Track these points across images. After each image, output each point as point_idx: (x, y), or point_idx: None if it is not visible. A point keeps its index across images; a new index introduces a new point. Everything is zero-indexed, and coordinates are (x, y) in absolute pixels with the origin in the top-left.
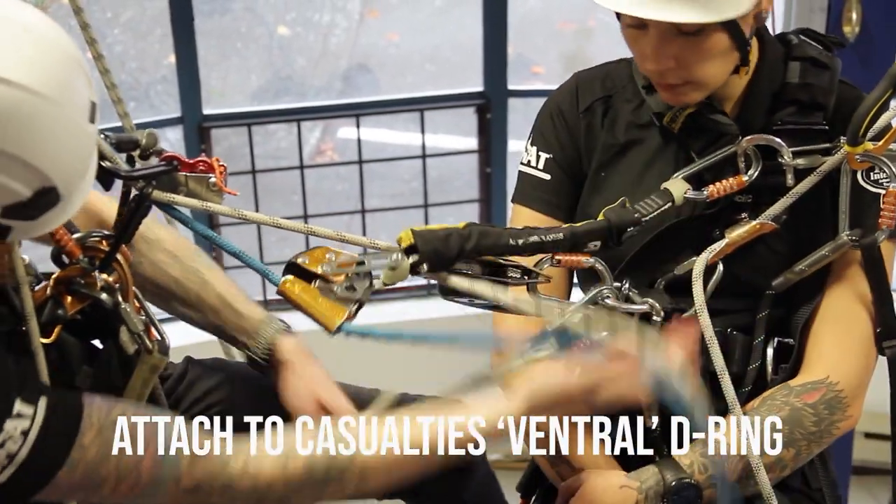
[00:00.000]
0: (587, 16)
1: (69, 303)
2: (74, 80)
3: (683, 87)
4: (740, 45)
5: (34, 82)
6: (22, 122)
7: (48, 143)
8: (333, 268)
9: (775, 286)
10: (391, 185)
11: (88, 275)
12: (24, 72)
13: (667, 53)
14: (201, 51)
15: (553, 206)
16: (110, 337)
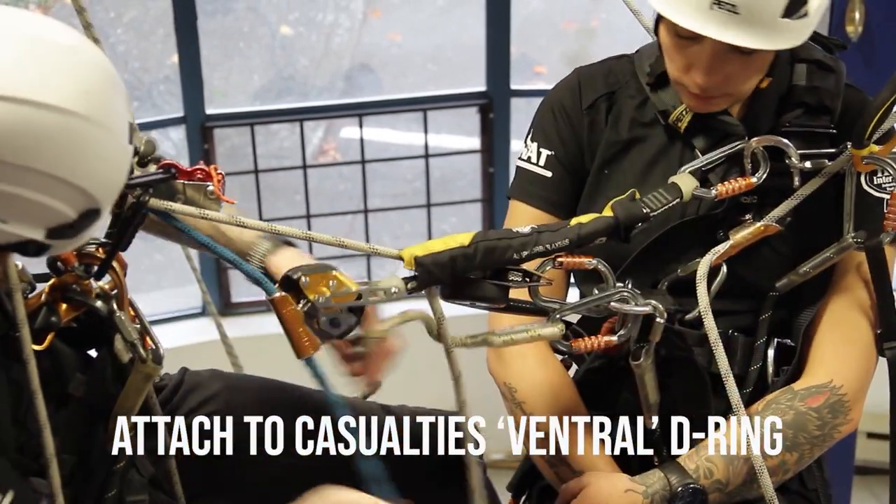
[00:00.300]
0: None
1: (63, 310)
2: (116, 101)
3: (717, 99)
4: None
5: (80, 106)
6: (71, 147)
7: (97, 166)
8: (328, 302)
9: (779, 287)
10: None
11: (84, 282)
12: (69, 96)
13: (720, 70)
14: (204, 50)
15: (553, 203)
16: (105, 345)
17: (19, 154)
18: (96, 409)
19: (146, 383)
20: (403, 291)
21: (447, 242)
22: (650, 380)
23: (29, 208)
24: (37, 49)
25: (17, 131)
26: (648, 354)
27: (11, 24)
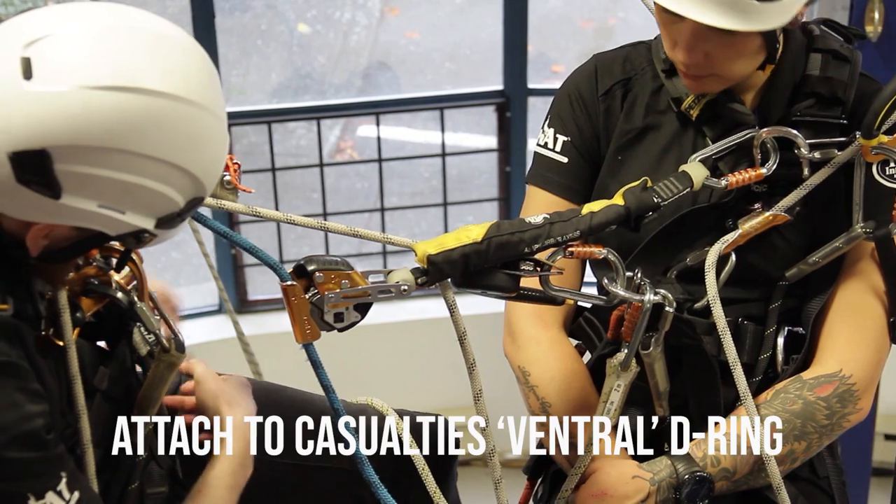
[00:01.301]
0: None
1: (86, 304)
2: (220, 91)
3: (707, 79)
4: (770, 46)
5: (199, 96)
6: (194, 136)
7: (209, 153)
8: (337, 298)
9: (789, 277)
10: (411, 184)
11: (104, 274)
12: (190, 87)
13: (699, 48)
14: (222, 48)
15: (569, 189)
16: (123, 337)
17: (146, 144)
18: (119, 402)
19: (170, 373)
20: (413, 287)
21: (459, 238)
22: (660, 368)
23: (147, 198)
24: (154, 42)
25: (143, 121)
26: (658, 343)
27: (126, 20)
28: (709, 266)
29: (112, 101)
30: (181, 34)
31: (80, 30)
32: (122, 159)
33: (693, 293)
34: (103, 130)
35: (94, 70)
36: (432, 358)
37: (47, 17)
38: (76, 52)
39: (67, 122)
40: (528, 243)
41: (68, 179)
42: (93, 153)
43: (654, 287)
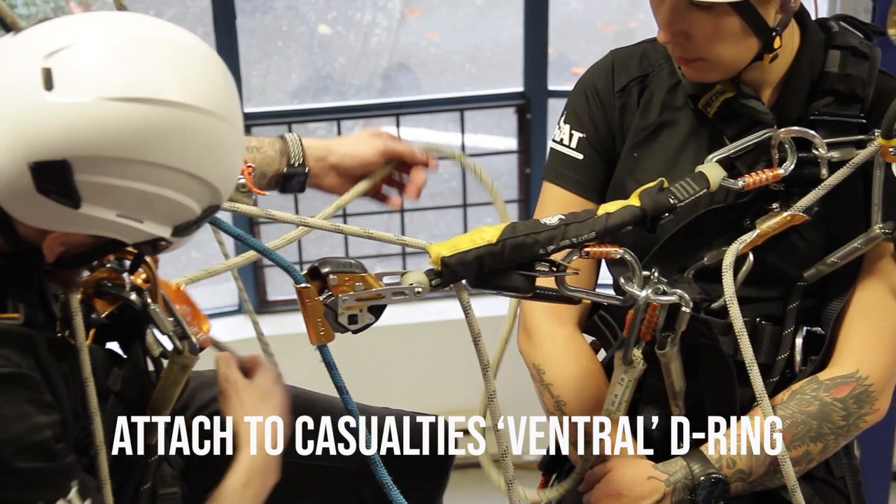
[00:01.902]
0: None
1: (100, 305)
2: (236, 99)
3: (696, 63)
4: (758, 31)
5: (216, 106)
6: (211, 145)
7: (226, 161)
8: (351, 300)
9: (807, 277)
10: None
11: (117, 276)
12: (208, 97)
13: (677, 26)
14: (243, 49)
15: (584, 186)
16: (137, 339)
17: (165, 155)
18: (132, 403)
19: (183, 374)
20: (427, 288)
21: (474, 239)
22: (676, 368)
23: (165, 207)
24: (173, 52)
25: (163, 132)
26: (674, 343)
27: (145, 30)
28: (726, 266)
29: (132, 112)
30: (198, 43)
31: (100, 40)
32: (142, 169)
33: (710, 293)
34: (123, 141)
35: (115, 81)
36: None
37: (68, 26)
38: (97, 63)
39: (88, 134)
40: (544, 244)
41: (88, 189)
42: (113, 164)
43: (670, 286)
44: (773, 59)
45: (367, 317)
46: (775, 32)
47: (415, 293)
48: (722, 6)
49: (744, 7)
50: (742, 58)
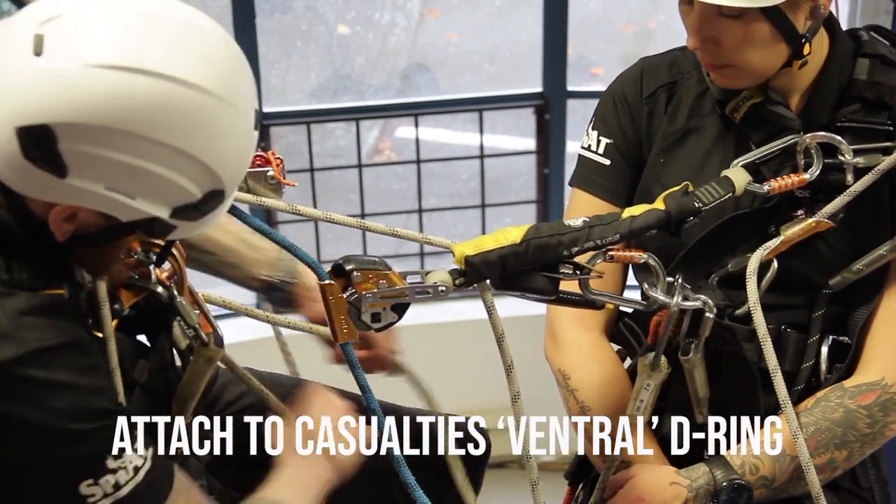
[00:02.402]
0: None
1: (125, 296)
2: (246, 85)
3: (725, 70)
4: (788, 37)
5: (215, 85)
6: (203, 124)
7: (224, 145)
8: (374, 299)
9: (832, 285)
10: (449, 185)
11: (143, 268)
12: (205, 75)
13: (706, 33)
14: (262, 48)
15: (611, 192)
16: (163, 331)
17: (150, 128)
18: (159, 395)
19: (208, 367)
20: (451, 288)
21: (498, 239)
22: (700, 375)
23: (156, 184)
24: (173, 28)
25: (150, 105)
26: (698, 350)
27: (145, 4)
28: (750, 272)
29: (118, 80)
30: (212, 26)
31: (95, 9)
32: (127, 141)
33: (734, 299)
34: (106, 110)
35: (101, 49)
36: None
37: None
38: (87, 31)
39: (70, 100)
40: (567, 246)
41: (73, 158)
42: (96, 133)
43: (694, 292)
44: (802, 66)
45: (390, 315)
46: (805, 39)
47: (438, 292)
48: (752, 13)
49: (774, 13)
50: (772, 64)
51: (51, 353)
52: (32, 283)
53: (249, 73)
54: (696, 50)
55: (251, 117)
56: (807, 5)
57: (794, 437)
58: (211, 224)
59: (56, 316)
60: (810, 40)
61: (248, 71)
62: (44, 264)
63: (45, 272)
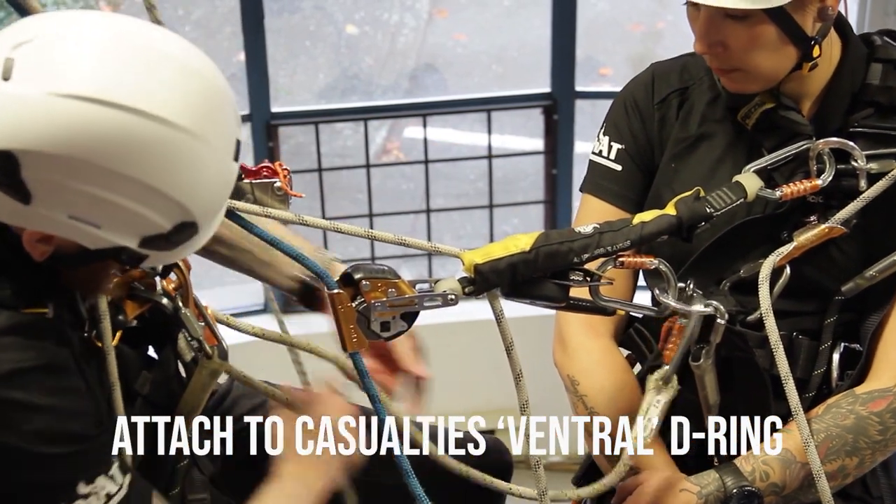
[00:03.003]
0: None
1: (129, 307)
2: (222, 118)
3: (734, 74)
4: (795, 39)
5: (183, 119)
6: (169, 158)
7: (193, 179)
8: (384, 307)
9: (845, 291)
10: (457, 185)
11: (148, 279)
12: (173, 108)
13: (713, 36)
14: (270, 49)
15: (622, 197)
16: (168, 343)
17: (114, 160)
18: (161, 407)
19: (212, 380)
20: (461, 296)
21: (507, 247)
22: (710, 381)
23: (121, 215)
24: (145, 58)
25: (114, 137)
26: (708, 355)
27: (120, 32)
28: (762, 278)
29: (79, 111)
30: (189, 56)
31: (68, 35)
32: (90, 172)
33: (746, 305)
34: (68, 140)
35: (67, 78)
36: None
37: (45, 20)
38: (54, 58)
39: (31, 128)
40: (578, 252)
41: (37, 186)
42: (59, 162)
43: (706, 298)
44: (812, 69)
45: (399, 324)
46: (814, 41)
47: (448, 301)
48: (757, 15)
49: (779, 15)
50: (781, 67)
51: (27, 375)
52: (14, 302)
53: (227, 105)
54: (704, 54)
55: (227, 149)
56: (814, 6)
57: (806, 445)
58: (191, 252)
59: (36, 336)
60: (820, 43)
61: (226, 102)
62: (27, 283)
63: (28, 291)
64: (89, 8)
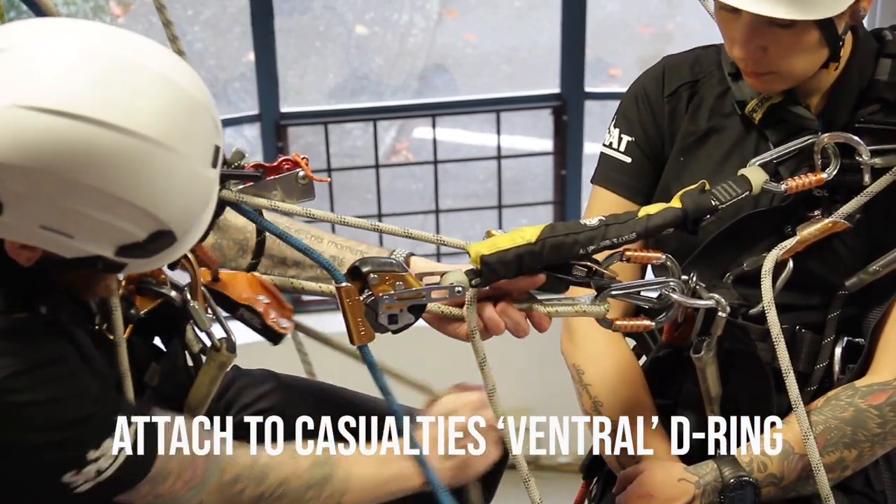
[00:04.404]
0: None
1: (140, 301)
2: (195, 126)
3: (767, 76)
4: (831, 42)
5: (151, 130)
6: (135, 169)
7: (162, 188)
8: (392, 300)
9: (849, 286)
10: (465, 186)
11: (159, 273)
12: (138, 119)
13: (756, 42)
14: (280, 49)
15: (632, 189)
16: (176, 335)
17: (79, 172)
18: (170, 399)
19: (220, 372)
20: (468, 288)
21: (514, 238)
22: (711, 373)
23: (92, 225)
24: (109, 68)
25: (78, 149)
26: (710, 348)
27: (91, 43)
28: (765, 272)
29: (43, 123)
30: (163, 66)
31: (40, 47)
32: (56, 184)
33: (749, 298)
34: (32, 152)
35: (32, 91)
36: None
37: (20, 30)
38: (23, 70)
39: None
40: (584, 244)
41: (6, 197)
42: (24, 173)
43: (708, 291)
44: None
45: (407, 317)
46: (841, 42)
47: (455, 293)
48: (804, 22)
49: (825, 21)
50: (812, 68)
51: (25, 376)
52: (7, 308)
53: (202, 113)
54: (742, 60)
55: (202, 157)
56: (849, 8)
57: (805, 438)
58: (171, 259)
59: (27, 337)
60: (843, 41)
61: (201, 110)
62: (16, 288)
63: (18, 296)
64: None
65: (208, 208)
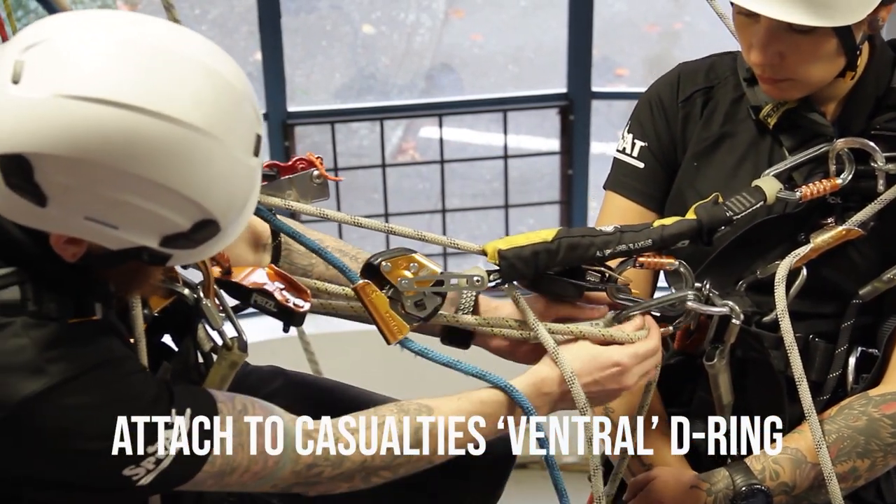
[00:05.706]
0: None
1: (153, 300)
2: (238, 115)
3: (784, 83)
4: (848, 51)
5: (194, 118)
6: (179, 157)
7: (207, 177)
8: (411, 284)
9: (863, 295)
10: (472, 185)
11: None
12: (184, 108)
13: (773, 48)
14: (287, 48)
15: (645, 195)
16: (188, 333)
17: (123, 160)
18: None
19: (231, 371)
20: (486, 282)
21: (530, 238)
22: (724, 381)
23: (137, 215)
24: (150, 56)
25: (121, 138)
26: (722, 356)
27: (130, 32)
28: (779, 280)
29: (86, 112)
30: (203, 53)
31: (76, 37)
32: (101, 173)
33: (763, 306)
34: (77, 142)
35: (73, 80)
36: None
37: (54, 22)
38: (62, 60)
39: (41, 131)
40: (600, 247)
41: (51, 188)
42: (70, 164)
43: (722, 298)
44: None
45: (433, 299)
46: (859, 50)
47: (474, 283)
48: (823, 29)
49: (844, 29)
50: (828, 77)
51: (79, 382)
52: (61, 313)
53: (243, 101)
54: (759, 65)
55: (245, 145)
56: (867, 18)
57: (818, 447)
58: (217, 249)
59: (83, 342)
60: (861, 51)
61: (242, 98)
62: (72, 290)
63: (74, 299)
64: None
65: (252, 198)
